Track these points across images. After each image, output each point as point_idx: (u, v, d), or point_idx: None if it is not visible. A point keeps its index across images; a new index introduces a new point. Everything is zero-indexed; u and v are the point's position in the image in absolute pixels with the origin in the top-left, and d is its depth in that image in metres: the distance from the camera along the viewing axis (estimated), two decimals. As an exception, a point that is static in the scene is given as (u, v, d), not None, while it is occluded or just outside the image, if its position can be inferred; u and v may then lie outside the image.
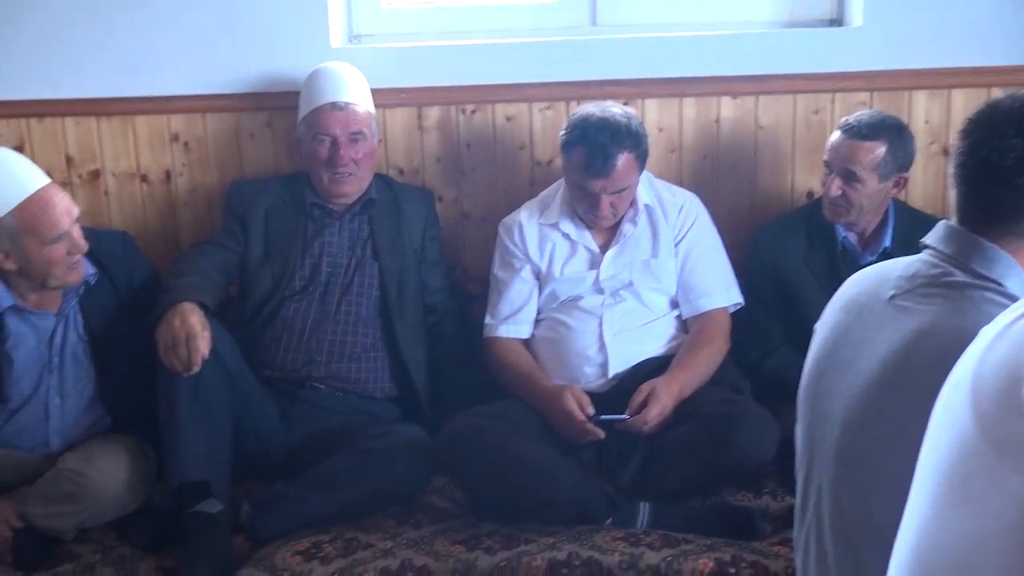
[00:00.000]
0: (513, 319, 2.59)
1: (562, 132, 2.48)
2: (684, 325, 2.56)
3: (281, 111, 2.84)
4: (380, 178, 2.75)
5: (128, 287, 2.48)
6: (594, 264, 2.55)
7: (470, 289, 2.85)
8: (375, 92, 2.72)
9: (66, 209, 2.30)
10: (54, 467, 2.31)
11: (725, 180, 2.92)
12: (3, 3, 2.82)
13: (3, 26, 2.83)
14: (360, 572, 2.05)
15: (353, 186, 2.64)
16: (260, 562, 2.12)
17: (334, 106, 2.58)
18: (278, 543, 2.19)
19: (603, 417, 2.32)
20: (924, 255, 1.10)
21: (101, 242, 2.45)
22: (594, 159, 2.37)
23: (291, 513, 2.25)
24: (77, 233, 2.32)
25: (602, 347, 2.47)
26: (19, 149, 2.90)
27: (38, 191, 2.28)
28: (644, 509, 2.21)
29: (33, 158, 2.86)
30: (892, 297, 1.11)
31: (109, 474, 2.28)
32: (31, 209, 2.26)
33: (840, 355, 1.17)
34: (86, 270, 2.39)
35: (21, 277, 2.33)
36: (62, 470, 2.28)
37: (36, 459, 2.40)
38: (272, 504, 2.29)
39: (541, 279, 2.59)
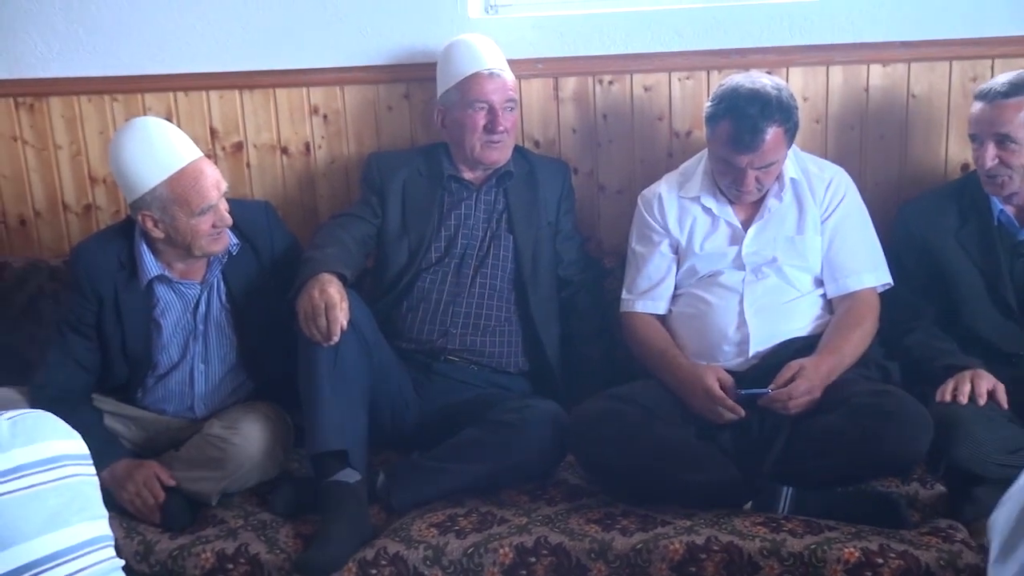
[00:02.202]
0: (650, 294, 2.53)
1: (708, 104, 2.40)
2: (829, 304, 2.46)
3: (418, 83, 2.84)
4: (516, 150, 2.72)
5: (270, 256, 2.52)
6: (735, 240, 2.47)
7: (605, 263, 2.81)
8: (512, 63, 2.69)
9: (215, 183, 2.35)
10: (200, 433, 2.38)
11: (873, 152, 2.79)
12: (152, -21, 2.90)
13: (153, 2, 2.90)
14: (495, 547, 2.04)
15: (502, 153, 2.62)
16: (396, 533, 2.13)
17: (491, 72, 2.57)
18: (413, 514, 2.21)
19: (744, 392, 2.25)
20: None
21: (244, 212, 2.50)
22: (742, 133, 2.29)
23: (427, 484, 2.27)
24: (223, 207, 2.37)
25: (742, 324, 2.40)
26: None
27: (192, 163, 2.33)
28: (786, 493, 2.14)
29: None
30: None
31: (252, 441, 2.33)
32: (183, 180, 2.31)
33: None
34: (229, 240, 2.44)
35: (167, 245, 2.39)
36: (208, 436, 2.35)
37: (182, 424, 2.48)
38: (407, 475, 2.30)
39: (680, 254, 2.53)
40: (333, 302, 2.25)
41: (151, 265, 2.41)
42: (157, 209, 2.32)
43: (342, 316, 2.25)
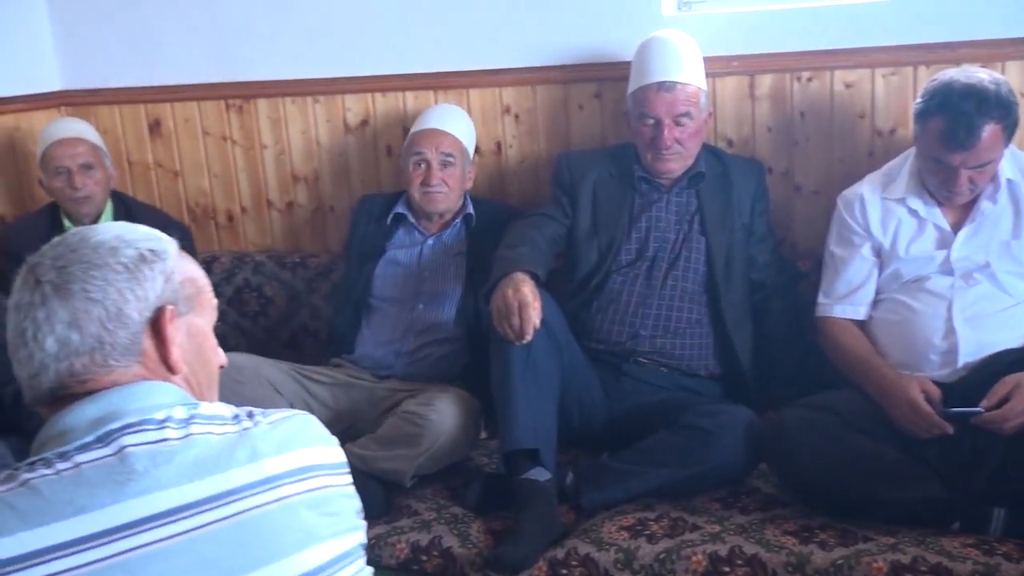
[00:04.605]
0: (850, 299, 2.43)
1: (918, 99, 2.29)
2: (1049, 314, 2.30)
3: (610, 82, 2.83)
4: (709, 150, 2.68)
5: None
6: (944, 244, 2.35)
7: (800, 265, 2.72)
8: (705, 60, 2.63)
9: (437, 143, 2.73)
10: (396, 414, 2.46)
11: (1101, 151, 2.59)
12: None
13: (352, 7, 3.01)
14: (688, 555, 2.01)
15: (677, 163, 2.59)
16: (586, 534, 2.13)
17: (661, 87, 2.53)
18: (603, 516, 2.20)
19: (953, 410, 2.13)
20: None
21: (497, 206, 2.91)
22: (956, 130, 2.17)
23: (617, 486, 2.26)
24: (437, 169, 2.71)
25: (950, 333, 2.27)
26: (364, 122, 3.10)
27: (436, 128, 2.77)
28: (999, 515, 2.02)
29: (375, 129, 3.06)
30: None
31: (447, 417, 2.40)
32: (419, 135, 2.77)
33: None
34: (450, 207, 2.78)
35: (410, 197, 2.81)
36: (404, 413, 2.43)
37: (382, 394, 2.62)
38: (597, 476, 2.30)
39: (882, 257, 2.42)
40: (526, 301, 2.26)
41: (401, 208, 2.82)
42: (402, 156, 2.82)
43: (535, 315, 2.26)
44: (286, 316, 3.15)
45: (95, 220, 2.94)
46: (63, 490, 0.97)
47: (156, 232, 1.15)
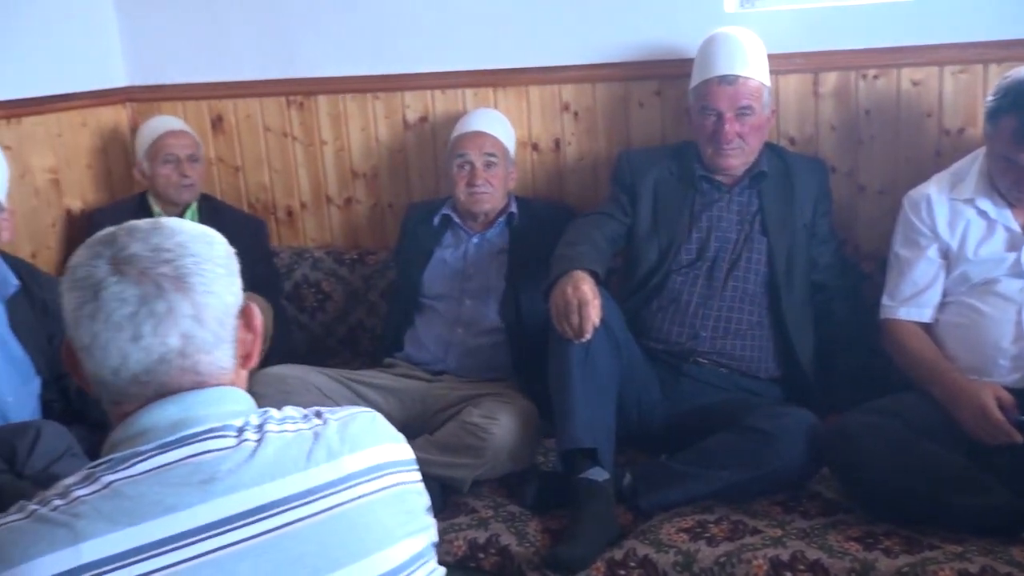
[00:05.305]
0: (915, 301, 2.39)
1: (990, 97, 2.24)
2: (1125, 320, 2.24)
3: (671, 79, 2.80)
4: (771, 148, 2.64)
5: (552, 230, 2.67)
6: (1014, 246, 2.29)
7: (863, 267, 2.67)
8: (768, 58, 2.59)
9: (480, 144, 2.77)
10: (457, 420, 2.46)
11: None
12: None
13: (413, 4, 3.01)
14: (749, 559, 1.99)
15: (738, 159, 2.55)
16: (645, 535, 2.11)
17: (722, 80, 2.50)
18: (661, 518, 2.18)
19: (1022, 417, 2.08)
20: None
21: (551, 206, 2.94)
22: (1030, 129, 2.12)
23: (675, 488, 2.24)
24: (480, 170, 2.75)
25: (1020, 337, 2.22)
26: (423, 118, 3.10)
27: (480, 130, 2.80)
28: (1070, 525, 1.97)
29: (434, 126, 3.07)
30: None
31: (509, 432, 2.38)
32: (462, 138, 2.81)
33: None
34: (494, 206, 2.81)
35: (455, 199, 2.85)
36: (467, 424, 2.41)
37: (434, 392, 2.65)
38: (656, 477, 2.28)
39: (950, 259, 2.37)
40: (586, 299, 2.25)
41: (447, 209, 2.86)
42: (446, 160, 2.87)
43: (594, 313, 2.25)
44: (343, 312, 3.17)
45: (182, 212, 3.05)
46: (149, 491, 0.97)
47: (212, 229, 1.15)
